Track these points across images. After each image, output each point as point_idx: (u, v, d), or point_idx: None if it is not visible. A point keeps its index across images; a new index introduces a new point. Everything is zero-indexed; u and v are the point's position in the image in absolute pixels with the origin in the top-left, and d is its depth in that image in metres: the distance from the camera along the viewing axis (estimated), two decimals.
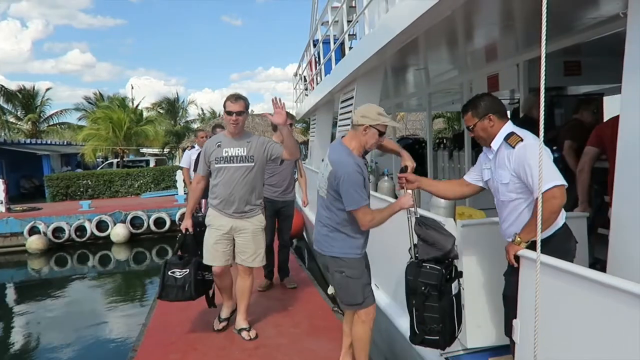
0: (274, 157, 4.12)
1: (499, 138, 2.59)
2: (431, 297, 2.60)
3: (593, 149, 3.78)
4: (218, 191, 4.05)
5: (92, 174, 19.51)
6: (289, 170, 5.47)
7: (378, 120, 2.87)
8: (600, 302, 1.71)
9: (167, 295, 4.13)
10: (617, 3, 3.63)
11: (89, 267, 12.28)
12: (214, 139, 4.20)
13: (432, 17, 3.70)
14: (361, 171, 2.87)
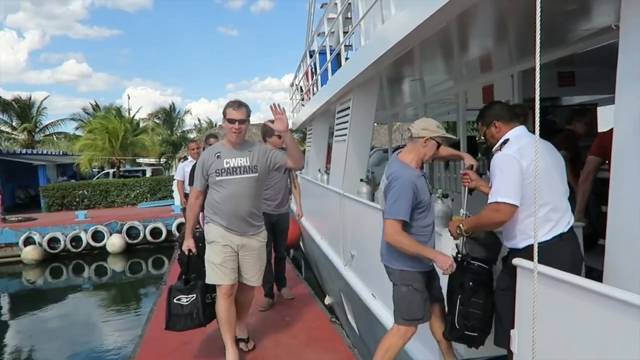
0: (278, 165, 3.84)
1: (497, 144, 2.65)
2: (478, 293, 2.66)
3: (596, 159, 3.79)
4: (222, 207, 3.70)
5: (88, 184, 19.49)
6: (284, 183, 5.27)
7: (437, 133, 2.93)
8: (597, 312, 1.72)
9: (174, 325, 3.88)
10: (609, 16, 3.68)
11: (85, 277, 12.23)
12: (211, 150, 3.84)
13: (427, 29, 3.73)
14: (414, 187, 2.82)
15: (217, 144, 3.95)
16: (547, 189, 2.41)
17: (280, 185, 5.20)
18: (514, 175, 2.42)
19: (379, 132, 21.52)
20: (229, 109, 3.68)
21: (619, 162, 2.14)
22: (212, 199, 3.75)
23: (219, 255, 3.70)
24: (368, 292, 4.80)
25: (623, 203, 2.12)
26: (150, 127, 29.81)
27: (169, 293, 3.93)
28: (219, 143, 3.97)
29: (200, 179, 3.78)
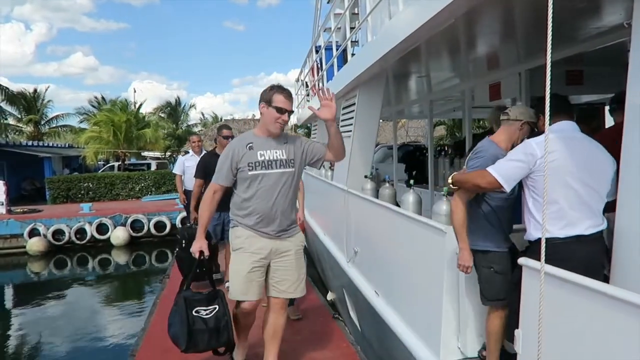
0: (315, 159, 3.41)
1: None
2: None
3: None
4: (255, 206, 3.24)
5: (93, 177, 19.57)
6: None
7: (534, 119, 2.97)
8: (603, 313, 1.71)
9: (196, 344, 3.29)
10: (620, 14, 3.64)
11: (89, 270, 12.29)
12: (242, 140, 3.31)
13: (435, 26, 3.70)
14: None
15: (248, 134, 3.38)
16: (561, 188, 2.37)
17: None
18: (518, 161, 2.50)
19: (384, 128, 21.48)
20: (278, 95, 3.18)
21: (628, 161, 2.11)
22: (241, 197, 3.29)
23: (246, 264, 3.21)
24: (371, 289, 4.79)
25: (631, 203, 2.09)
26: (154, 121, 29.81)
27: (183, 304, 3.31)
28: (249, 132, 3.40)
29: (226, 173, 3.26)
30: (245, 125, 27.38)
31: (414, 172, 9.93)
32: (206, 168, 5.39)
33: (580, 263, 2.32)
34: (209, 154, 5.92)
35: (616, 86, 5.32)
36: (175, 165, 7.62)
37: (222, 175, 3.28)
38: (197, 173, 5.66)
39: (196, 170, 5.73)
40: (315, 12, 14.11)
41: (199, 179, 5.60)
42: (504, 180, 2.48)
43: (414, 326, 3.72)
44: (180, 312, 3.31)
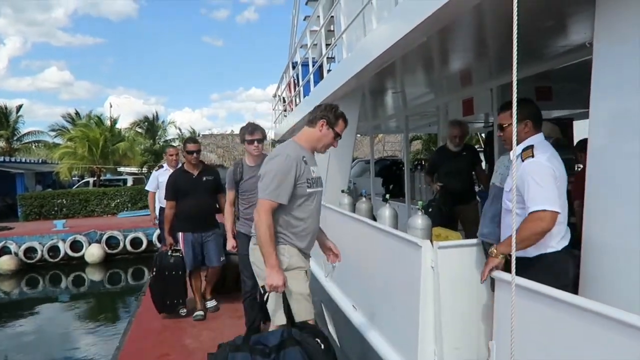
0: None
1: (519, 148, 2.53)
2: None
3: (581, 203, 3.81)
4: (308, 225, 2.99)
5: (67, 193, 19.18)
6: None
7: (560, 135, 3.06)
8: (573, 324, 1.76)
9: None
10: (584, 33, 3.78)
11: (62, 288, 12.00)
12: (296, 151, 2.93)
13: (408, 43, 3.79)
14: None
15: (295, 145, 3.00)
16: (562, 201, 2.40)
17: None
18: (551, 182, 2.35)
19: (362, 143, 21.63)
20: (343, 123, 3.04)
21: (593, 172, 2.19)
22: (294, 216, 2.92)
23: (305, 284, 3.01)
24: (349, 304, 4.80)
25: (597, 215, 2.17)
26: (130, 135, 29.43)
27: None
28: (295, 143, 3.02)
29: (288, 189, 2.82)
30: (224, 140, 27.26)
31: (391, 186, 10.02)
32: (175, 187, 5.25)
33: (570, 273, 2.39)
34: (178, 171, 5.51)
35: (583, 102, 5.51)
36: (148, 181, 7.03)
37: (284, 192, 2.81)
38: (167, 194, 5.34)
39: (166, 191, 5.38)
40: (292, 29, 14.25)
41: (170, 201, 5.29)
42: (558, 206, 2.31)
43: (391, 340, 3.73)
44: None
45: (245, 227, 4.30)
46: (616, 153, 2.08)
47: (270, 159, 2.91)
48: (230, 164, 25.13)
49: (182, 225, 5.31)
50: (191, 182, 5.23)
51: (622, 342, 1.55)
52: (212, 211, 5.43)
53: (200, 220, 5.28)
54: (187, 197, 5.21)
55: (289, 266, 2.88)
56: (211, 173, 5.45)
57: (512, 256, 1.83)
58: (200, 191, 5.24)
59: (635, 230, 1.95)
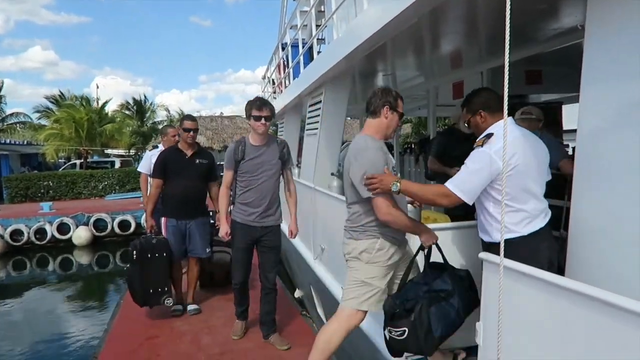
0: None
1: (482, 135, 2.57)
2: None
3: None
4: None
5: (53, 175, 18.95)
6: (272, 184, 4.01)
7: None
8: (560, 306, 1.77)
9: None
10: (575, 16, 3.77)
11: (49, 271, 11.92)
12: (379, 144, 2.96)
13: (399, 24, 3.75)
14: None
15: (370, 139, 2.91)
16: (533, 184, 2.44)
17: (267, 188, 3.99)
18: (480, 174, 2.42)
19: (352, 126, 21.57)
20: (398, 99, 3.02)
21: (582, 157, 2.20)
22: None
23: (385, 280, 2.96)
24: (338, 286, 4.82)
25: (585, 198, 2.18)
26: (118, 117, 29.09)
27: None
28: (370, 138, 2.93)
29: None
30: (212, 123, 27.00)
31: None
32: (165, 165, 4.78)
33: (545, 255, 2.42)
34: (171, 149, 4.98)
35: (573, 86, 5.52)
36: (141, 162, 6.34)
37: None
38: (155, 171, 4.85)
39: (154, 168, 4.91)
40: (281, 9, 14.06)
41: (157, 179, 4.81)
42: (469, 198, 2.44)
43: (379, 321, 3.76)
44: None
45: (241, 214, 3.97)
46: (605, 137, 2.08)
47: (353, 158, 2.84)
48: (219, 146, 24.93)
49: (166, 210, 4.84)
50: (183, 162, 4.75)
51: (609, 323, 1.57)
52: (202, 197, 4.95)
53: (187, 206, 4.78)
54: (176, 179, 4.73)
55: (376, 259, 2.88)
56: (206, 156, 4.95)
57: (501, 240, 1.84)
58: (191, 174, 4.76)
59: (623, 214, 1.97)
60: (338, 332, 2.94)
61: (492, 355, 1.97)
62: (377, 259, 2.86)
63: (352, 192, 2.89)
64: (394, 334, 2.72)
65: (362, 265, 2.89)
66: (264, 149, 3.94)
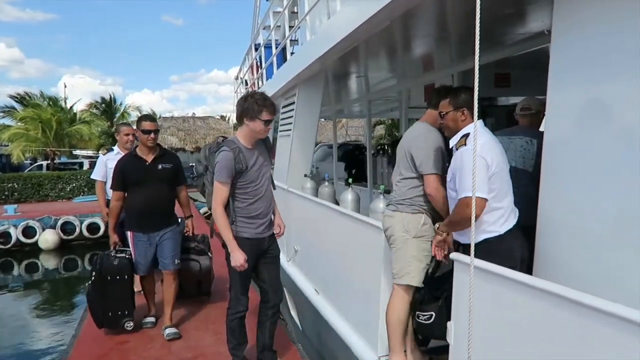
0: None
1: (457, 136, 2.62)
2: None
3: None
4: None
5: (18, 177, 18.37)
6: (270, 187, 3.57)
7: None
8: (527, 304, 1.81)
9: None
10: (542, 21, 3.86)
11: (14, 275, 11.56)
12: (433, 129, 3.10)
13: (371, 27, 3.78)
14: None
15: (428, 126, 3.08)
16: (506, 185, 2.50)
17: (270, 191, 3.57)
18: (481, 170, 2.40)
19: (325, 127, 21.61)
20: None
21: (549, 156, 2.25)
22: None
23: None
24: (311, 288, 4.83)
25: (552, 196, 2.23)
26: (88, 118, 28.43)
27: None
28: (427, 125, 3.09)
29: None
30: (185, 123, 26.68)
31: (354, 170, 10.08)
32: (123, 175, 4.29)
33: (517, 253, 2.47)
34: (128, 155, 4.48)
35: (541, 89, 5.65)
36: (94, 169, 5.51)
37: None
38: (114, 183, 4.37)
39: (112, 179, 4.42)
40: (254, 9, 13.99)
41: (117, 192, 4.35)
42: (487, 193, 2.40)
43: (352, 323, 3.78)
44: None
45: (249, 229, 3.38)
46: (571, 137, 2.14)
47: (416, 137, 3.01)
48: (191, 147, 24.61)
49: (131, 223, 4.36)
50: (143, 170, 4.27)
51: (577, 321, 1.61)
52: (170, 206, 4.49)
53: (155, 217, 4.33)
54: (138, 189, 4.28)
55: (419, 233, 2.99)
56: (170, 160, 4.46)
57: (472, 240, 1.87)
58: (155, 182, 4.29)
59: (589, 212, 2.02)
60: (404, 308, 3.01)
61: (463, 355, 2.00)
62: (423, 233, 2.96)
63: (406, 168, 3.01)
64: (422, 318, 2.81)
65: (410, 241, 2.97)
66: (256, 150, 3.40)
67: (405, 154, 3.02)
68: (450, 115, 2.70)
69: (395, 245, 3.02)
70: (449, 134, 2.75)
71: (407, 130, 3.21)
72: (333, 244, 4.43)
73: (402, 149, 3.07)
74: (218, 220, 3.30)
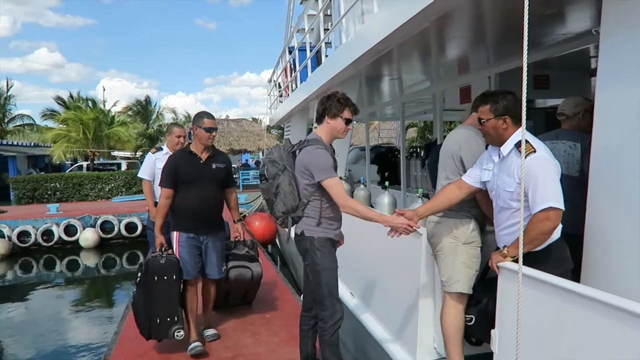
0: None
1: (509, 143, 2.53)
2: None
3: None
4: None
5: (60, 177, 19.07)
6: None
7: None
8: (576, 313, 1.78)
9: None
10: (585, 21, 3.78)
11: (56, 272, 11.98)
12: None
13: (408, 30, 3.77)
14: None
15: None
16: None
17: None
18: (556, 177, 2.32)
19: (357, 130, 21.60)
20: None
21: (598, 162, 2.20)
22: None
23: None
24: (346, 291, 4.84)
25: (601, 204, 2.18)
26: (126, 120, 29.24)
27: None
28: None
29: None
30: (219, 125, 27.04)
31: (386, 173, 10.04)
32: (176, 172, 4.05)
33: (570, 263, 2.41)
34: (182, 152, 4.27)
35: (580, 90, 5.51)
36: (141, 167, 5.46)
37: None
38: (165, 180, 4.10)
39: (163, 175, 4.15)
40: (288, 13, 14.09)
41: (167, 189, 4.06)
42: (560, 203, 2.28)
43: (389, 327, 3.78)
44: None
45: (332, 231, 3.27)
46: (622, 142, 2.09)
47: (467, 140, 2.96)
48: (225, 149, 24.94)
49: (179, 223, 4.10)
50: (198, 168, 4.07)
51: (624, 330, 1.58)
52: (220, 208, 4.30)
53: (205, 218, 4.11)
54: (190, 187, 4.04)
55: (469, 239, 2.94)
56: (223, 160, 4.27)
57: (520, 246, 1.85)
58: (206, 181, 4.08)
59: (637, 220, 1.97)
60: (458, 315, 2.92)
61: None
62: (472, 239, 2.91)
63: (454, 172, 2.95)
64: (466, 319, 2.84)
65: (459, 248, 2.90)
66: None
67: (454, 157, 2.96)
68: (490, 123, 2.61)
69: (443, 253, 2.95)
70: (490, 141, 2.69)
71: (451, 133, 3.16)
72: (369, 247, 4.42)
73: (449, 152, 3.01)
74: (357, 206, 3.14)
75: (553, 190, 2.27)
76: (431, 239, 3.05)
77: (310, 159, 3.10)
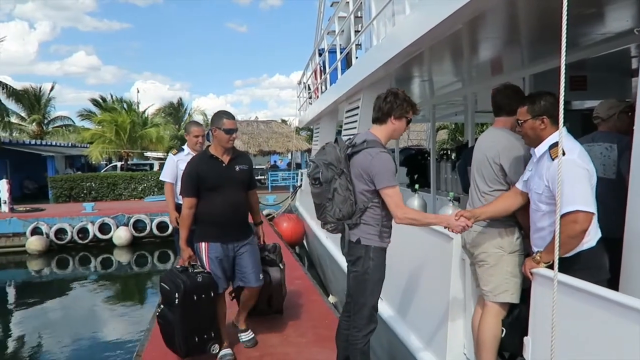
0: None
1: (544, 145, 2.50)
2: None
3: None
4: None
5: (95, 177, 19.59)
6: None
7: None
8: (614, 321, 1.72)
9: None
10: (627, 20, 3.66)
11: (91, 269, 12.33)
12: None
13: (440, 32, 3.73)
14: None
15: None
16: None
17: None
18: (584, 181, 2.28)
19: None
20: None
21: (639, 163, 2.13)
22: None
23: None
24: None
25: None
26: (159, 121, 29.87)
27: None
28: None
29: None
30: (249, 127, 27.32)
31: (416, 175, 9.95)
32: (197, 178, 3.73)
33: (607, 269, 2.34)
34: (203, 156, 3.94)
35: (619, 92, 5.34)
36: (163, 169, 5.21)
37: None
38: (185, 188, 3.81)
39: (183, 183, 3.85)
40: (318, 15, 14.14)
41: (190, 198, 3.76)
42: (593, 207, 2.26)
43: (419, 332, 3.73)
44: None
45: (388, 239, 3.09)
46: None
47: (508, 148, 2.82)
48: (255, 150, 25.16)
49: (205, 233, 3.80)
50: (221, 172, 3.76)
51: None
52: (247, 212, 4.02)
53: (232, 226, 3.81)
54: (214, 194, 3.73)
55: (514, 247, 2.84)
56: (245, 160, 3.99)
57: (555, 253, 1.80)
58: (231, 186, 3.79)
59: None
60: (497, 325, 2.82)
61: None
62: (517, 247, 2.80)
63: (493, 179, 2.84)
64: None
65: (505, 257, 2.79)
66: None
67: (491, 164, 2.83)
68: (528, 124, 2.55)
69: (488, 263, 2.82)
70: (528, 142, 2.63)
71: (484, 135, 3.06)
72: (398, 251, 4.38)
73: (486, 158, 2.87)
74: (415, 215, 3.03)
75: (581, 193, 2.22)
76: (472, 249, 2.92)
77: (373, 163, 2.87)
